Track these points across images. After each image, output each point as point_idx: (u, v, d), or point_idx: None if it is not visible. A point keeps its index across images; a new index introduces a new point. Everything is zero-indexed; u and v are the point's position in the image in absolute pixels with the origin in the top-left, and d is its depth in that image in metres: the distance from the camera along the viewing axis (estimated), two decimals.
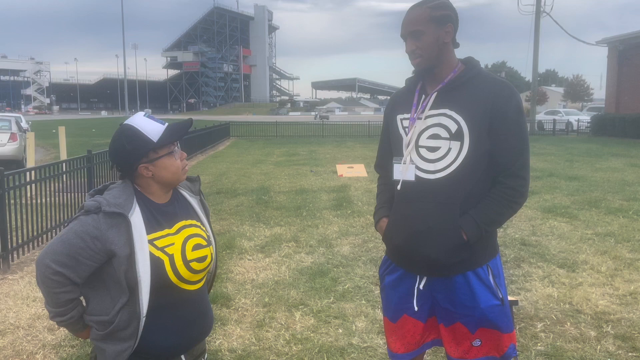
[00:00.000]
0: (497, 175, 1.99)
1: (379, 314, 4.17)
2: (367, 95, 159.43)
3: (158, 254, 1.69)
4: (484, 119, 1.91)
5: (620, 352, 3.52)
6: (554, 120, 30.96)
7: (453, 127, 1.94)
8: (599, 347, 3.59)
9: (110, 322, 1.67)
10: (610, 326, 3.91)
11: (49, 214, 6.48)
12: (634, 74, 26.58)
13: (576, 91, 74.10)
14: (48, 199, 6.54)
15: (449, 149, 1.94)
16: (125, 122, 1.75)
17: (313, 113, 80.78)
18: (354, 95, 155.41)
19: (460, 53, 2.12)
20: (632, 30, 27.21)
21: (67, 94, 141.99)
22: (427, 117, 1.99)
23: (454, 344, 2.09)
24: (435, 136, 1.97)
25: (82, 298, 1.74)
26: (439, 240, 1.95)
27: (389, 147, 2.19)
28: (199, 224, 1.87)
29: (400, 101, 2.16)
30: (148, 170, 1.73)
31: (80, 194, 7.51)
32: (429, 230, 1.96)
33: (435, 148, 1.97)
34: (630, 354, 3.50)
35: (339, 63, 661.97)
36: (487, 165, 1.97)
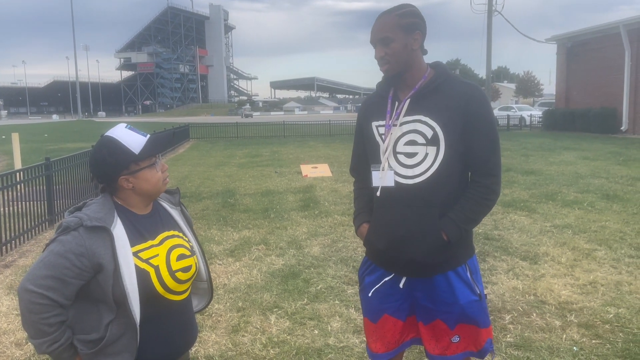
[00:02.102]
0: (471, 174, 2.09)
1: (353, 313, 4.23)
2: (326, 94, 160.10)
3: (143, 265, 1.69)
4: (457, 123, 1.97)
5: (584, 339, 3.69)
6: (508, 116, 31.88)
7: (429, 133, 2.00)
8: (564, 336, 3.75)
9: (101, 339, 1.65)
10: (573, 315, 4.09)
11: (7, 225, 6.26)
12: (582, 70, 27.69)
13: (527, 87, 76.58)
14: (3, 209, 6.31)
15: (426, 154, 2.00)
16: (106, 134, 1.74)
17: (245, 113, 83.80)
18: (313, 94, 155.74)
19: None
20: (579, 27, 28.32)
21: (15, 98, 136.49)
22: (402, 123, 2.04)
23: (434, 341, 2.14)
24: (412, 142, 2.03)
25: None
26: (421, 243, 2.01)
27: (363, 152, 2.24)
28: (181, 234, 1.88)
29: (373, 107, 2.19)
30: (129, 182, 1.72)
31: (39, 202, 7.28)
32: (411, 234, 2.02)
33: (412, 154, 2.03)
34: (593, 341, 3.67)
35: (298, 62, 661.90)
36: (462, 166, 2.05)
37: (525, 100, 70.99)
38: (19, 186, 6.90)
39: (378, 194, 2.09)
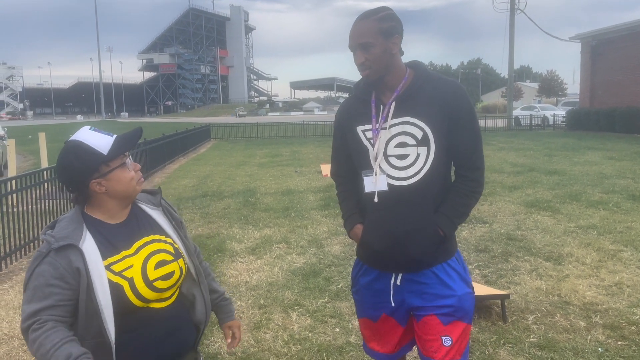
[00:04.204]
0: (457, 168, 2.11)
1: None
2: (346, 94, 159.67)
3: (116, 279, 1.61)
4: (443, 121, 2.00)
5: (609, 341, 3.64)
6: (531, 115, 31.49)
7: (419, 134, 2.00)
8: (589, 337, 3.70)
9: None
10: (598, 316, 4.03)
11: (35, 222, 6.41)
12: (606, 69, 27.18)
13: (550, 86, 75.40)
14: (31, 207, 6.46)
15: (418, 155, 2.01)
16: (71, 139, 1.68)
17: (239, 113, 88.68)
18: (333, 94, 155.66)
19: (438, 51, 2.15)
20: (604, 25, 27.81)
21: (41, 99, 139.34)
22: (390, 126, 2.03)
23: (423, 340, 2.10)
24: (402, 144, 2.03)
25: None
26: (418, 241, 2.02)
27: (344, 156, 2.22)
28: (163, 237, 1.78)
29: (355, 112, 2.16)
30: (101, 185, 1.65)
31: (64, 201, 7.43)
32: (408, 233, 2.03)
33: (404, 156, 2.03)
34: (619, 342, 3.61)
35: (317, 63, 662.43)
36: (448, 160, 2.08)
37: (549, 100, 69.94)
38: (45, 184, 7.05)
39: (376, 199, 2.06)
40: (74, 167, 1.64)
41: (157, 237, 1.77)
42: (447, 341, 2.05)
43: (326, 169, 12.80)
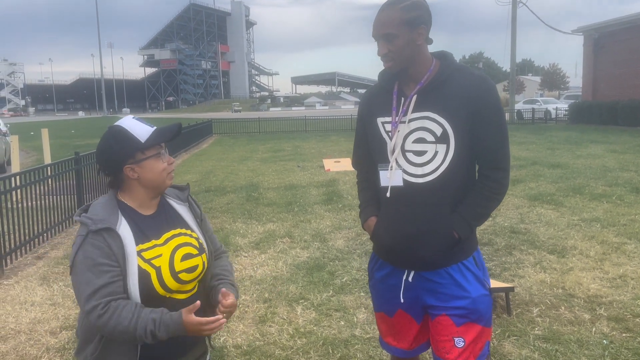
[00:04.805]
0: (480, 168, 2.01)
1: None
2: (347, 89, 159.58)
3: (145, 266, 1.66)
4: (467, 118, 1.90)
5: (614, 333, 3.65)
6: (533, 109, 31.40)
7: (438, 131, 1.92)
8: (593, 329, 3.71)
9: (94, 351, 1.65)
10: (603, 309, 4.04)
11: (39, 218, 6.43)
12: (609, 61, 27.08)
13: (553, 80, 75.21)
14: (35, 203, 6.48)
15: (436, 152, 1.93)
16: (115, 124, 1.75)
17: (235, 109, 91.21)
18: (334, 89, 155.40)
19: (439, 45, 2.07)
20: (607, 18, 27.72)
21: (42, 95, 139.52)
22: (410, 120, 1.95)
23: (435, 339, 2.05)
24: (420, 140, 1.95)
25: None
26: (431, 242, 1.96)
27: (366, 145, 2.17)
28: (189, 232, 1.84)
29: (377, 102, 2.08)
30: (134, 171, 1.71)
31: (68, 196, 7.46)
32: (421, 232, 1.96)
33: (421, 152, 1.95)
34: (624, 334, 3.62)
35: (319, 58, 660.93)
36: (471, 159, 1.99)
37: (551, 94, 69.70)
38: (49, 180, 7.07)
39: (388, 194, 2.00)
40: (112, 150, 1.71)
41: (183, 230, 1.82)
42: (459, 342, 1.98)
43: (328, 164, 12.81)
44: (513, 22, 31.81)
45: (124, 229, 1.66)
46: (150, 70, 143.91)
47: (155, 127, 1.76)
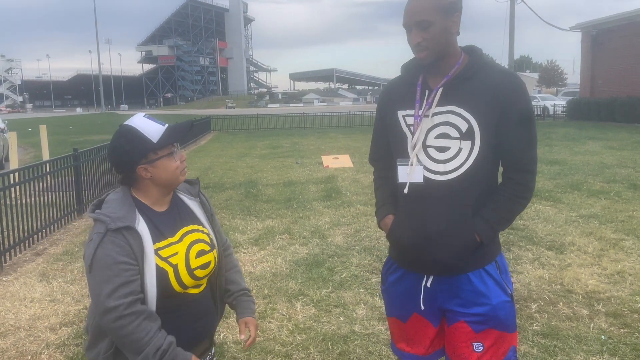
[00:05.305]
0: (505, 169, 1.92)
1: (378, 301, 4.26)
2: (345, 86, 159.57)
3: (162, 264, 1.66)
4: (493, 115, 1.81)
5: (612, 328, 3.67)
6: None
7: (463, 126, 1.83)
8: (592, 324, 3.73)
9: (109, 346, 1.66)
10: (601, 304, 4.06)
11: (38, 215, 6.42)
12: (607, 58, 27.11)
13: (550, 76, 75.15)
14: (34, 199, 6.47)
15: (460, 149, 1.84)
16: (125, 123, 1.73)
17: (228, 105, 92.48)
18: (332, 85, 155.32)
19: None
20: (605, 15, 27.70)
21: (40, 92, 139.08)
22: (434, 114, 1.86)
23: (452, 345, 1.97)
24: (444, 135, 1.86)
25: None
26: (452, 244, 1.86)
27: (385, 141, 2.08)
28: (200, 227, 1.84)
29: (399, 95, 1.98)
30: (147, 171, 1.70)
31: (67, 192, 7.45)
32: (441, 233, 1.86)
33: (444, 148, 1.86)
34: (622, 330, 3.64)
35: (317, 54, 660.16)
36: (495, 159, 1.90)
37: (549, 90, 69.75)
38: (48, 177, 7.07)
39: (406, 191, 1.91)
40: (125, 151, 1.69)
41: (196, 227, 1.83)
42: (478, 347, 1.91)
43: (327, 160, 12.80)
44: (511, 19, 31.80)
45: (142, 227, 1.65)
46: (148, 67, 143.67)
47: (167, 125, 1.74)
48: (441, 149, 1.86)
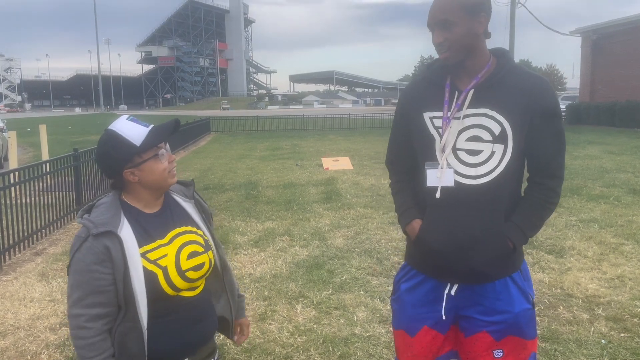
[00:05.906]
0: (531, 175, 1.89)
1: (379, 304, 4.26)
2: (345, 88, 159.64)
3: (151, 267, 1.65)
4: (525, 119, 1.78)
5: (612, 333, 3.67)
6: None
7: (496, 129, 1.78)
8: (592, 329, 3.74)
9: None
10: (601, 309, 4.06)
11: (37, 214, 6.42)
12: (607, 63, 27.17)
13: (550, 81, 74.95)
14: (33, 199, 6.47)
15: (492, 152, 1.79)
16: (109, 128, 1.72)
17: (223, 107, 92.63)
18: (332, 88, 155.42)
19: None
20: (605, 20, 27.78)
21: (39, 91, 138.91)
22: (465, 116, 1.81)
23: (472, 356, 1.94)
24: (475, 138, 1.81)
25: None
26: (484, 251, 1.81)
27: (405, 144, 2.00)
28: (194, 229, 1.81)
29: (424, 96, 1.92)
30: (134, 175, 1.68)
31: (67, 192, 7.44)
32: (473, 239, 1.81)
33: (476, 151, 1.81)
34: (622, 334, 3.65)
35: (317, 56, 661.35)
36: (523, 165, 1.88)
37: None
38: (47, 177, 7.06)
39: (438, 195, 1.85)
40: (110, 156, 1.68)
41: (189, 228, 1.80)
42: (498, 353, 1.89)
43: (327, 163, 12.81)
44: (511, 23, 31.85)
45: (126, 232, 1.64)
46: (147, 67, 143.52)
47: (150, 127, 1.71)
48: (472, 152, 1.82)
